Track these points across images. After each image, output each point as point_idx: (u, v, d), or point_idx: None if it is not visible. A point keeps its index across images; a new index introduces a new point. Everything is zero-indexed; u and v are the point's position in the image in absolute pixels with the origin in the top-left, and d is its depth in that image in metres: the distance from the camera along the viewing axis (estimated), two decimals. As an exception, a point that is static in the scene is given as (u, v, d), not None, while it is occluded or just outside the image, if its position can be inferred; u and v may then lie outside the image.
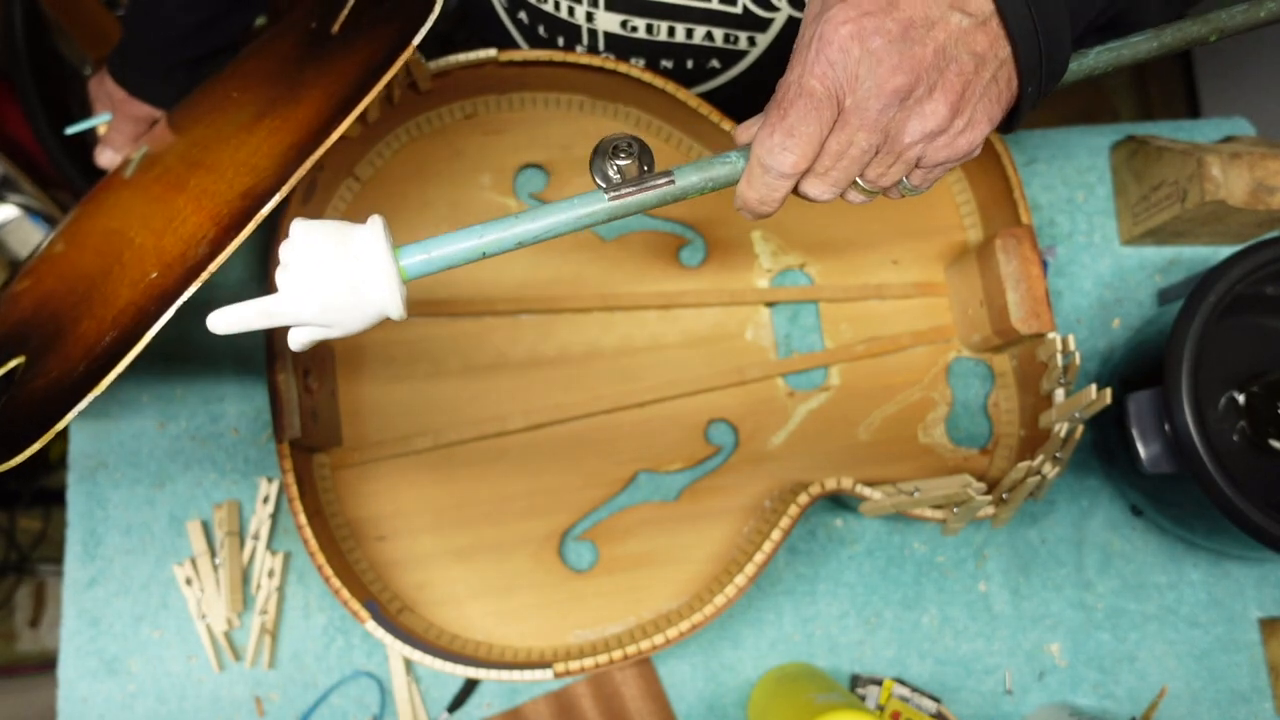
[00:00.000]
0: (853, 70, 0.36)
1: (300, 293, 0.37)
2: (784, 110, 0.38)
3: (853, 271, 0.74)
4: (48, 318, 0.50)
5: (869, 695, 0.68)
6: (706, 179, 0.41)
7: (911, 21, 0.36)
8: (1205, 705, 0.70)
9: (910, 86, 0.36)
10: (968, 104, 0.37)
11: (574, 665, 0.60)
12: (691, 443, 0.71)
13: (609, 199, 0.41)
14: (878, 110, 0.37)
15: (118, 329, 0.43)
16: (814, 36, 0.37)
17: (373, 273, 0.38)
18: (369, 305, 0.38)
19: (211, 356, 0.73)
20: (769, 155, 0.39)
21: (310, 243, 0.37)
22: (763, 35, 0.65)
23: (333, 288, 0.37)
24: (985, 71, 0.37)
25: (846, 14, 0.36)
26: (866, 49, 0.36)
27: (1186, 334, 0.59)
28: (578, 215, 0.41)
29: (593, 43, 0.68)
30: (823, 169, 0.39)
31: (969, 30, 0.36)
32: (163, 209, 0.50)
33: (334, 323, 0.38)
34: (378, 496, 0.68)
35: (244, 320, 0.38)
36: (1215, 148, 0.70)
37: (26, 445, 0.41)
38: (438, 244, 0.39)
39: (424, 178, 0.73)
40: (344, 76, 0.48)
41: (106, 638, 0.69)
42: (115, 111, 0.67)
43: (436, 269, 0.40)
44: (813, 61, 0.36)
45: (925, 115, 0.37)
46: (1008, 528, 0.72)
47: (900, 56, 0.36)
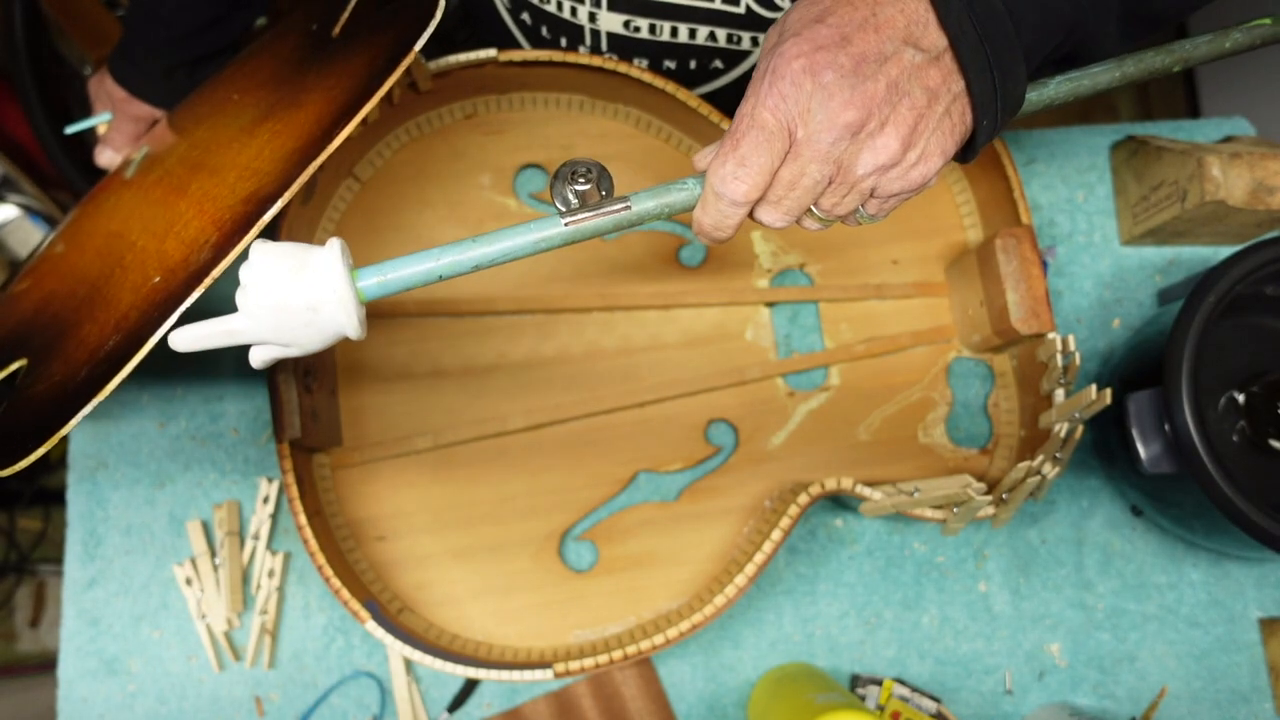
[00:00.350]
0: (804, 104, 0.37)
1: (260, 313, 0.38)
2: (737, 140, 0.38)
3: (853, 271, 0.74)
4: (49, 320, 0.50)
5: (869, 695, 0.68)
6: (663, 205, 0.42)
7: (864, 56, 0.36)
8: (1205, 705, 0.70)
9: (862, 121, 0.37)
10: (920, 137, 0.38)
11: (574, 665, 0.60)
12: (691, 443, 0.71)
13: (565, 224, 0.41)
14: (829, 143, 0.37)
15: (121, 333, 0.43)
16: (768, 69, 0.37)
17: (330, 294, 0.38)
18: (327, 325, 0.39)
19: (211, 356, 0.73)
20: (721, 184, 0.39)
21: (268, 264, 0.38)
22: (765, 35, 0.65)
23: (291, 308, 0.38)
24: (938, 106, 0.38)
25: (800, 48, 0.37)
26: (819, 83, 0.36)
27: (1186, 334, 0.59)
28: (533, 239, 0.41)
29: (595, 43, 0.68)
30: (775, 198, 0.40)
31: (922, 65, 0.37)
32: (164, 212, 0.50)
33: (293, 342, 0.39)
34: (378, 496, 0.68)
35: (205, 338, 0.39)
36: (1215, 148, 0.71)
37: (31, 450, 0.41)
38: (394, 266, 0.40)
39: (424, 178, 0.73)
40: (346, 80, 0.48)
41: (106, 638, 0.69)
42: (115, 111, 0.67)
43: (393, 291, 0.40)
44: (765, 94, 0.37)
45: (877, 149, 0.38)
46: (1008, 528, 0.72)
47: (852, 91, 0.36)
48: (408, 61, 0.46)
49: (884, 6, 0.37)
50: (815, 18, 0.37)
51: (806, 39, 0.37)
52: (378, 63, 0.47)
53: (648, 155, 0.74)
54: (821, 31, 0.37)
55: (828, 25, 0.37)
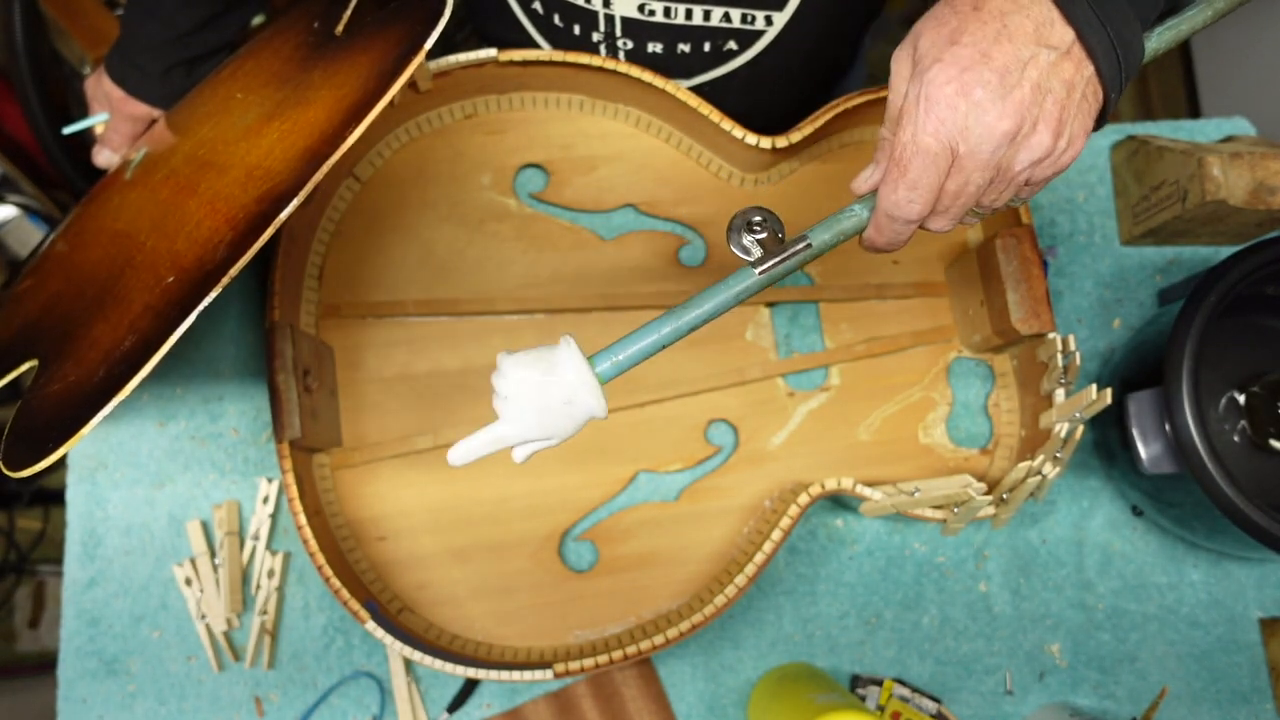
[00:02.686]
0: (961, 123, 0.40)
1: (525, 417, 0.43)
2: (904, 167, 0.41)
3: (853, 271, 0.74)
4: (57, 320, 0.50)
5: (869, 695, 0.68)
6: (837, 235, 0.45)
7: (1006, 68, 0.39)
8: (1206, 705, 0.70)
9: (1017, 127, 0.40)
10: (1065, 126, 0.41)
11: (574, 665, 0.60)
12: (691, 443, 0.71)
13: (759, 273, 0.45)
14: (989, 152, 0.40)
15: (136, 333, 0.43)
16: (919, 96, 0.40)
17: (581, 388, 0.43)
18: (580, 413, 0.43)
19: (211, 356, 0.73)
20: (895, 208, 0.43)
21: (522, 376, 0.42)
22: (779, 14, 0.64)
23: (551, 408, 0.43)
24: (1075, 93, 0.40)
25: (948, 73, 0.39)
26: (971, 102, 0.39)
27: (1187, 334, 0.59)
28: (735, 294, 0.45)
29: (610, 29, 0.68)
30: (943, 208, 0.43)
31: (1056, 62, 0.40)
32: (174, 212, 0.50)
33: (554, 434, 0.43)
34: (378, 497, 0.68)
35: (479, 449, 0.43)
36: (1216, 147, 0.70)
37: (51, 451, 0.40)
38: (623, 348, 0.44)
39: (424, 178, 0.73)
40: (354, 79, 0.48)
41: (106, 638, 0.68)
42: (113, 111, 0.67)
43: (624, 370, 0.45)
44: (924, 120, 0.40)
45: (1032, 147, 0.41)
46: (1008, 528, 0.72)
47: (1003, 102, 0.39)
48: (419, 58, 0.45)
49: (1011, 15, 0.39)
50: (949, 39, 0.40)
51: (950, 62, 0.39)
52: (387, 60, 0.47)
53: (648, 155, 0.74)
54: (962, 52, 0.39)
55: (965, 45, 0.39)
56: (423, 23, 0.47)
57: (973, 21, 0.40)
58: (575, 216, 0.73)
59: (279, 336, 0.61)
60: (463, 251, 0.72)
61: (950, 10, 0.41)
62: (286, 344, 0.61)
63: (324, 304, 0.70)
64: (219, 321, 0.73)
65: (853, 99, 0.68)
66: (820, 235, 0.45)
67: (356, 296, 0.71)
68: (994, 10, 0.39)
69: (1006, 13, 0.39)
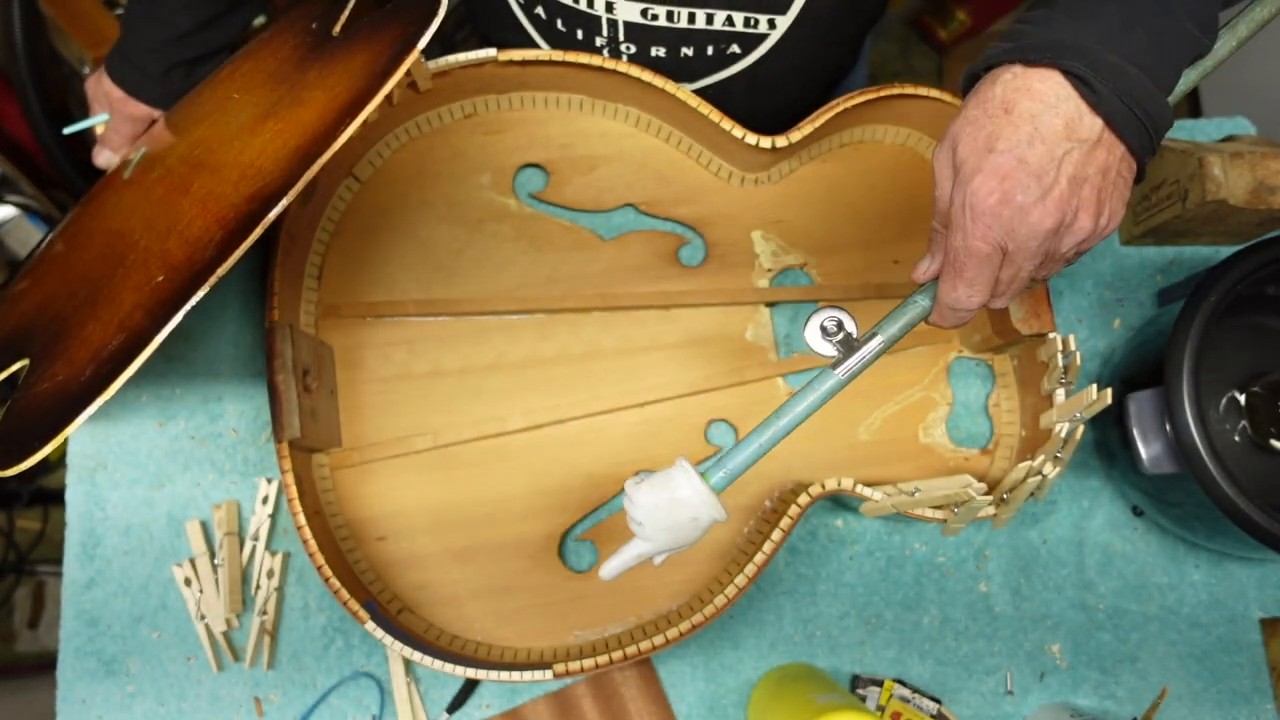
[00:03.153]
0: (1007, 226, 0.43)
1: (659, 536, 0.49)
2: (960, 269, 0.45)
3: (853, 271, 0.74)
4: (50, 320, 0.50)
5: (869, 696, 0.68)
6: (904, 327, 0.50)
7: (1042, 169, 0.41)
8: (1207, 706, 0.70)
9: (1059, 222, 0.42)
10: (1105, 205, 0.43)
11: (574, 666, 0.60)
12: (691, 443, 0.70)
13: (840, 375, 0.50)
14: (1035, 247, 0.43)
15: (125, 332, 0.43)
16: (964, 206, 0.43)
17: (702, 505, 0.49)
18: (704, 522, 0.49)
19: (210, 357, 0.73)
20: (957, 303, 0.47)
21: (651, 503, 0.49)
22: (782, 17, 0.65)
23: (679, 525, 0.49)
24: (1110, 174, 0.43)
25: (989, 184, 0.42)
26: (1014, 208, 0.42)
27: (1187, 334, 0.59)
28: (823, 395, 0.51)
29: (613, 33, 0.68)
30: (1000, 292, 0.47)
31: (1088, 152, 0.42)
32: (166, 211, 0.50)
33: (684, 543, 0.50)
34: (377, 497, 0.68)
35: (624, 566, 0.51)
36: (1216, 147, 0.70)
37: (36, 449, 0.40)
38: (731, 459, 0.50)
39: (424, 178, 0.73)
40: (347, 78, 0.48)
41: (105, 638, 0.68)
42: (113, 111, 0.67)
43: (735, 478, 0.50)
44: (972, 229, 0.43)
45: (1075, 232, 0.43)
46: (1008, 528, 0.72)
47: (1044, 203, 0.42)
48: (412, 58, 0.45)
49: (1041, 116, 0.41)
50: (986, 147, 0.42)
51: (990, 173, 0.42)
52: (381, 60, 0.47)
53: (648, 155, 0.74)
54: (1000, 160, 0.42)
55: (1001, 152, 0.42)
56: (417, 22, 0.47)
57: (1006, 126, 0.42)
58: (575, 216, 0.73)
59: (278, 336, 0.61)
60: (462, 251, 0.72)
61: (983, 113, 0.43)
62: (286, 344, 0.61)
63: (323, 304, 0.70)
64: (218, 322, 0.73)
65: (852, 99, 0.68)
66: (889, 329, 0.50)
67: (356, 296, 0.71)
68: (1024, 113, 0.42)
69: (1036, 114, 0.41)
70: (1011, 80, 0.43)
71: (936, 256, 0.49)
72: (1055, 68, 0.41)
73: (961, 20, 1.82)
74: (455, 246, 0.72)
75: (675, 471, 0.49)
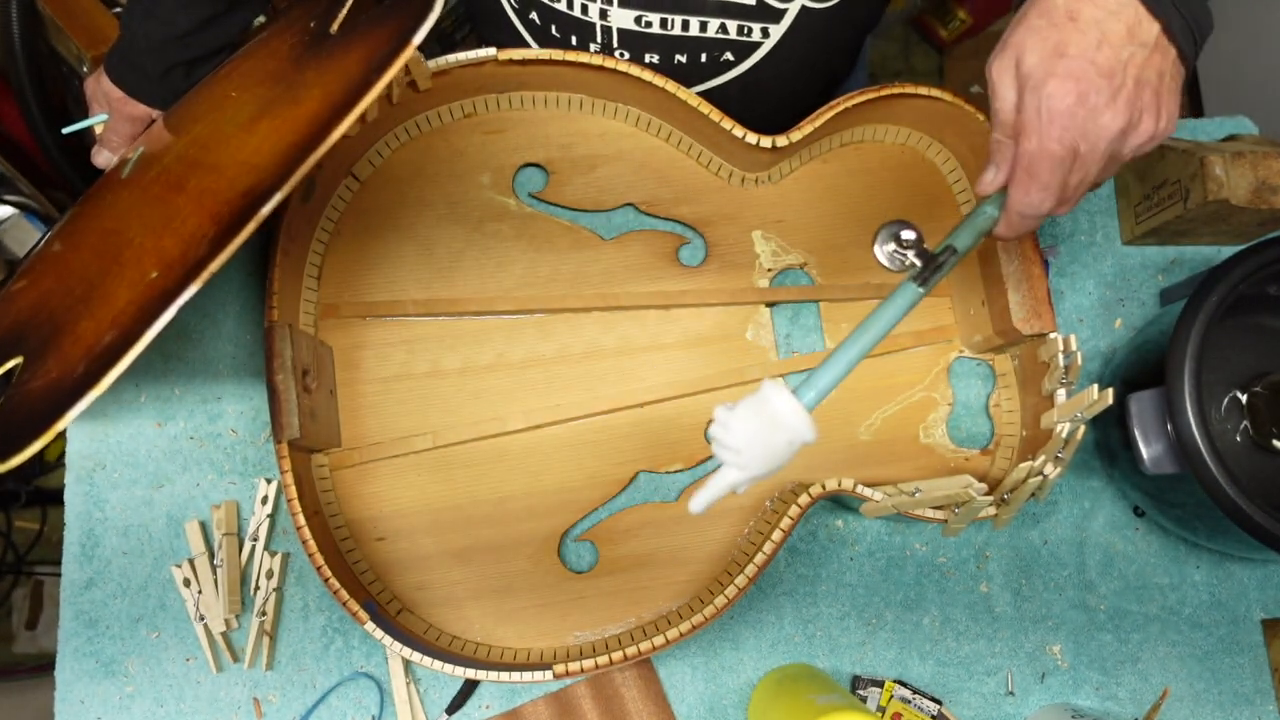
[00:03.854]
0: (1081, 127, 0.44)
1: (754, 464, 0.47)
2: (1034, 172, 0.46)
3: (854, 271, 0.74)
4: (45, 318, 0.50)
5: (870, 697, 0.67)
6: (977, 235, 0.51)
7: (1111, 70, 0.44)
8: (1208, 707, 0.70)
9: (1128, 122, 0.45)
10: (1163, 109, 0.46)
11: (574, 666, 0.60)
12: (691, 443, 0.70)
13: (919, 287, 0.50)
14: (1105, 147, 0.45)
15: (117, 328, 0.43)
16: (1039, 109, 0.45)
17: (798, 427, 0.47)
18: (797, 444, 0.47)
19: (210, 357, 0.73)
20: (1029, 208, 0.48)
21: (746, 428, 0.47)
22: (776, 26, 0.65)
23: (774, 448, 0.47)
24: (1167, 77, 0.46)
25: (1065, 87, 0.44)
26: (1088, 108, 0.44)
27: (1189, 334, 0.59)
28: (902, 308, 0.50)
29: (607, 40, 0.68)
30: (1067, 197, 0.48)
31: (1149, 55, 0.45)
32: (162, 208, 0.49)
33: (776, 468, 0.48)
34: (377, 497, 0.68)
35: (716, 496, 0.48)
36: (1218, 147, 0.70)
37: (25, 445, 0.40)
38: (819, 378, 0.49)
39: (423, 177, 0.72)
40: (344, 75, 0.48)
41: (104, 639, 0.68)
42: (112, 112, 0.67)
43: (825, 397, 0.49)
44: (1048, 130, 0.45)
45: (1140, 133, 0.46)
46: (1009, 529, 0.72)
47: (1115, 103, 0.44)
48: (407, 54, 0.45)
49: (1105, 23, 0.44)
50: (1056, 52, 0.44)
51: (1064, 76, 0.44)
52: (377, 56, 0.47)
53: (648, 155, 0.74)
54: (1072, 65, 0.44)
55: (1072, 58, 0.44)
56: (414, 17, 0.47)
57: (1073, 33, 0.44)
58: (575, 216, 0.73)
59: (278, 336, 0.61)
60: (462, 251, 0.72)
61: (1048, 22, 0.45)
62: (285, 344, 0.61)
63: (323, 304, 0.70)
64: (217, 321, 0.73)
65: (853, 98, 0.68)
66: (963, 239, 0.50)
67: (355, 296, 0.70)
68: (1090, 20, 0.44)
69: (1101, 20, 0.44)
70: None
71: (1002, 168, 0.49)
72: None
73: (962, 20, 1.82)
74: (455, 246, 0.72)
75: (770, 393, 0.47)
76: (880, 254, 0.49)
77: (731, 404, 0.48)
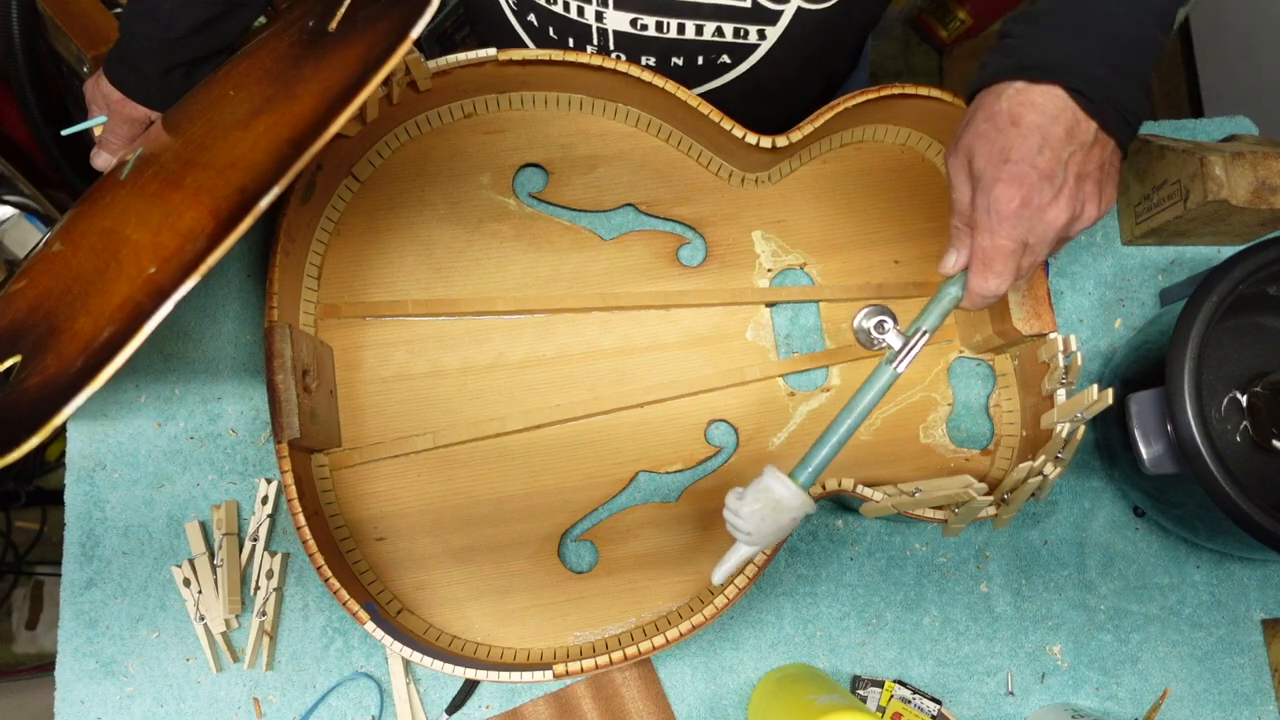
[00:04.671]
0: (1028, 224, 0.48)
1: (765, 540, 0.55)
2: (989, 263, 0.50)
3: (853, 271, 0.74)
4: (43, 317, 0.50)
5: (870, 697, 0.67)
6: (940, 315, 0.55)
7: (1052, 171, 0.47)
8: (1208, 707, 0.70)
9: (1071, 214, 0.49)
10: (1104, 194, 0.50)
11: (574, 666, 0.60)
12: (692, 443, 0.70)
13: (895, 369, 0.55)
14: (1051, 236, 0.49)
15: (115, 324, 0.43)
16: (989, 210, 0.49)
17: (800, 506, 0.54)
18: (800, 517, 0.55)
19: (210, 357, 0.73)
20: (986, 291, 0.51)
21: (754, 511, 0.54)
22: (772, 29, 0.65)
23: (780, 525, 0.54)
24: (1107, 167, 0.50)
25: (1010, 191, 0.47)
26: (1032, 209, 0.48)
27: (1189, 334, 0.59)
28: (881, 389, 0.56)
29: (603, 42, 0.68)
30: (1020, 275, 0.51)
31: (1088, 151, 0.48)
32: (159, 206, 0.50)
33: (781, 537, 0.56)
34: (377, 497, 0.68)
35: (735, 569, 0.56)
36: (1218, 147, 0.70)
37: (23, 441, 0.40)
38: (812, 460, 0.56)
39: (423, 177, 0.72)
40: (341, 72, 0.48)
41: (104, 639, 0.68)
42: (111, 114, 0.67)
43: (818, 475, 0.56)
44: (998, 228, 0.49)
45: (1084, 219, 0.50)
46: (1009, 529, 0.72)
47: (1058, 202, 0.48)
48: (404, 49, 0.45)
49: (1046, 127, 0.47)
50: (1001, 158, 0.48)
51: (1009, 181, 0.47)
52: (374, 52, 0.47)
53: (648, 155, 0.74)
54: (1016, 169, 0.47)
55: (1015, 163, 0.47)
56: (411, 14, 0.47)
57: (1016, 138, 0.47)
58: (575, 216, 0.73)
59: (278, 337, 0.61)
60: (462, 251, 0.72)
61: (993, 127, 0.48)
62: (285, 344, 0.61)
63: (323, 304, 0.70)
64: (218, 322, 0.73)
65: (853, 98, 0.68)
66: (930, 320, 0.55)
67: (355, 296, 0.70)
68: (1031, 125, 0.47)
69: (1042, 125, 0.47)
70: (1015, 95, 0.48)
71: (962, 252, 0.53)
72: (1058, 84, 0.47)
73: (961, 20, 1.82)
74: (455, 246, 0.72)
75: (770, 482, 0.54)
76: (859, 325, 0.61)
77: (741, 490, 0.55)
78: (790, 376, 0.72)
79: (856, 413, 0.55)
